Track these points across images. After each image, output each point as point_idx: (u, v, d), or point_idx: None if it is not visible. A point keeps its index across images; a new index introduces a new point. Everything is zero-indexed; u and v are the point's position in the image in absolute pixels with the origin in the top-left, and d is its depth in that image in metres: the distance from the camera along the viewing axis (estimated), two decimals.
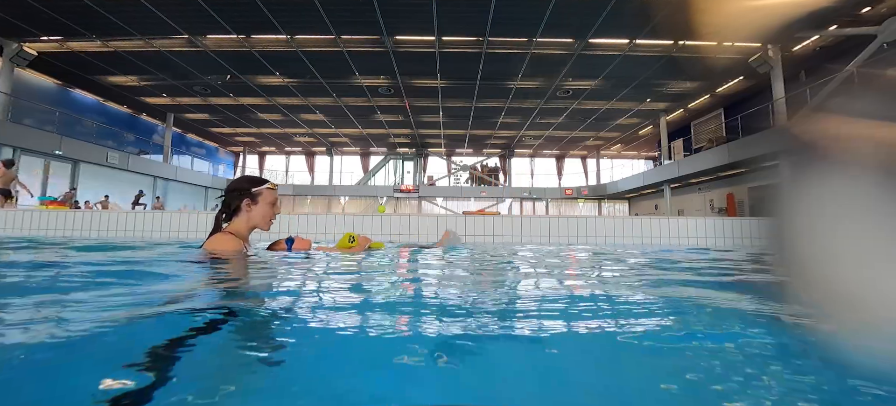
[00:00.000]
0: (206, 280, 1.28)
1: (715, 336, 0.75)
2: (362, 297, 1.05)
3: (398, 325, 0.75)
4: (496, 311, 0.88)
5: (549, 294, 1.14)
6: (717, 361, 0.62)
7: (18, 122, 11.43)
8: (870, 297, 0.44)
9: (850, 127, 0.46)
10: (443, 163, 24.96)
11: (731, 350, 0.67)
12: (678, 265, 2.13)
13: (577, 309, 0.93)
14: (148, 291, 1.03)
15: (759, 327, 0.81)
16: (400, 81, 13.08)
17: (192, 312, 0.77)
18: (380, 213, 4.54)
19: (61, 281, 1.27)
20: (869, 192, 0.44)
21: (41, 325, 0.68)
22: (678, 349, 0.68)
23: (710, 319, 0.88)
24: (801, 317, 0.61)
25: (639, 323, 0.83)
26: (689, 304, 1.04)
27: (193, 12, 9.07)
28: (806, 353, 0.60)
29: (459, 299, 1.03)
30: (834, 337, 0.48)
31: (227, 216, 1.83)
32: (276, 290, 1.13)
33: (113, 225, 4.23)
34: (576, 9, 8.71)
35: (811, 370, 0.57)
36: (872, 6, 8.22)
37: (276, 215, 1.93)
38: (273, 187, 1.93)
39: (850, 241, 0.45)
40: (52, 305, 0.84)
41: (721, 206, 14.71)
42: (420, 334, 0.71)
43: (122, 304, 0.85)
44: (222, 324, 0.71)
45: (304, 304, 0.91)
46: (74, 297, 0.93)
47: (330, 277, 1.36)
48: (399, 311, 0.89)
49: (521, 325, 0.78)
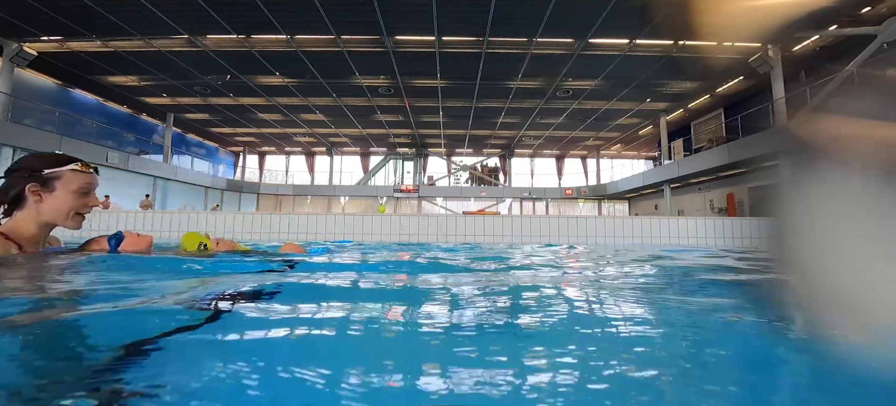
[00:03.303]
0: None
1: (709, 338, 0.75)
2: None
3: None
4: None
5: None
6: (713, 362, 0.62)
7: (18, 122, 11.43)
8: (870, 299, 0.44)
9: (850, 127, 0.46)
10: (443, 163, 24.96)
11: (730, 350, 0.67)
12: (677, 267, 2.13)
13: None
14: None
15: (759, 327, 0.81)
16: (400, 81, 13.08)
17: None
18: (380, 213, 4.54)
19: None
20: (869, 193, 0.44)
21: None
22: (674, 350, 0.68)
23: (704, 321, 0.88)
24: (801, 318, 0.61)
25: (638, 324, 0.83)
26: (685, 307, 1.04)
27: (193, 12, 9.07)
28: (805, 354, 0.60)
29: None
30: (834, 339, 0.48)
31: (6, 209, 1.29)
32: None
33: (113, 225, 4.23)
34: (576, 9, 8.71)
35: (811, 372, 0.57)
36: (872, 6, 8.22)
37: (90, 209, 1.41)
38: (83, 170, 1.38)
39: (849, 241, 0.45)
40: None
41: (721, 206, 14.71)
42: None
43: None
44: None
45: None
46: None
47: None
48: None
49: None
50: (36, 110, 12.68)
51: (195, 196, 19.34)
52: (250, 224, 4.39)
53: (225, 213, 4.45)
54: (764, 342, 0.72)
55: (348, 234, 4.31)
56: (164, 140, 17.63)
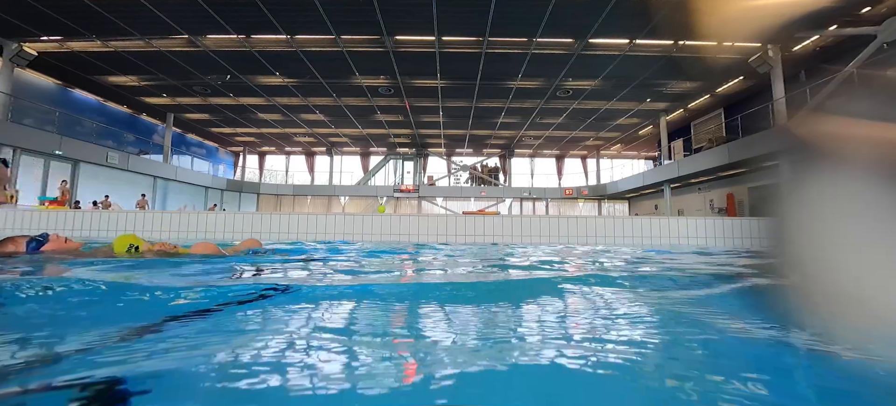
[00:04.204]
0: None
1: (711, 338, 0.75)
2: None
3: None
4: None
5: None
6: (713, 363, 0.62)
7: (18, 122, 11.43)
8: (869, 297, 0.44)
9: (850, 127, 0.46)
10: (443, 163, 24.96)
11: (729, 351, 0.67)
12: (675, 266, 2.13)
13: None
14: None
15: (759, 327, 0.80)
16: (400, 81, 13.08)
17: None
18: (380, 212, 4.54)
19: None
20: (868, 192, 0.43)
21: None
22: (677, 350, 0.68)
23: (707, 322, 0.88)
24: (800, 317, 0.61)
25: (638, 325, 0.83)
26: (681, 306, 1.04)
27: (193, 12, 9.07)
28: (805, 354, 0.60)
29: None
30: (833, 338, 0.48)
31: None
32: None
33: (113, 225, 4.23)
34: (576, 9, 8.71)
35: (810, 371, 0.57)
36: (872, 6, 8.22)
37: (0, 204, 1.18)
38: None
39: (849, 240, 0.45)
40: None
41: (721, 206, 14.71)
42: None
43: None
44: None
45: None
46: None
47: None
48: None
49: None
50: (36, 110, 12.69)
51: (195, 196, 19.34)
52: (250, 224, 4.39)
53: (225, 214, 4.45)
54: (762, 342, 0.72)
55: (348, 234, 4.31)
56: (164, 140, 17.64)
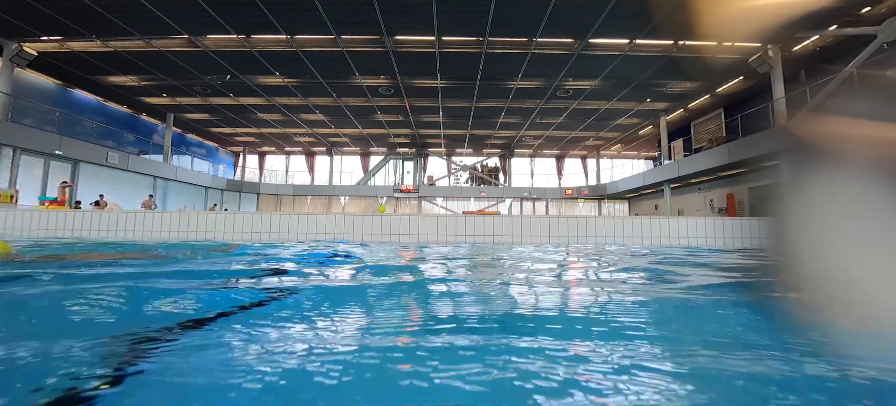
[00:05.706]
0: None
1: (717, 333, 0.75)
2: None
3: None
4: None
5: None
6: (716, 364, 0.62)
7: (18, 122, 11.43)
8: (868, 296, 0.44)
9: (850, 127, 0.46)
10: (443, 163, 24.96)
11: (729, 351, 0.67)
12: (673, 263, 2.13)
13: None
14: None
15: (758, 328, 0.81)
16: (400, 81, 13.08)
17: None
18: (380, 213, 4.54)
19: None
20: (868, 192, 0.44)
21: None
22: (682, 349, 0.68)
23: (710, 317, 0.88)
24: (800, 317, 0.61)
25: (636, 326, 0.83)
26: (680, 301, 1.04)
27: (193, 12, 9.07)
28: (804, 353, 0.60)
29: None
30: (833, 336, 0.48)
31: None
32: None
33: (112, 224, 4.23)
34: (576, 9, 8.71)
35: (810, 370, 0.57)
36: (872, 6, 8.22)
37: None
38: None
39: (849, 240, 0.45)
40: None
41: (721, 206, 14.71)
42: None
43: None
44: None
45: None
46: None
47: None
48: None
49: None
50: (36, 110, 12.68)
51: (195, 196, 19.34)
52: (250, 224, 4.39)
53: (225, 214, 4.45)
54: (762, 342, 0.72)
55: (348, 234, 4.31)
56: (164, 140, 17.64)
